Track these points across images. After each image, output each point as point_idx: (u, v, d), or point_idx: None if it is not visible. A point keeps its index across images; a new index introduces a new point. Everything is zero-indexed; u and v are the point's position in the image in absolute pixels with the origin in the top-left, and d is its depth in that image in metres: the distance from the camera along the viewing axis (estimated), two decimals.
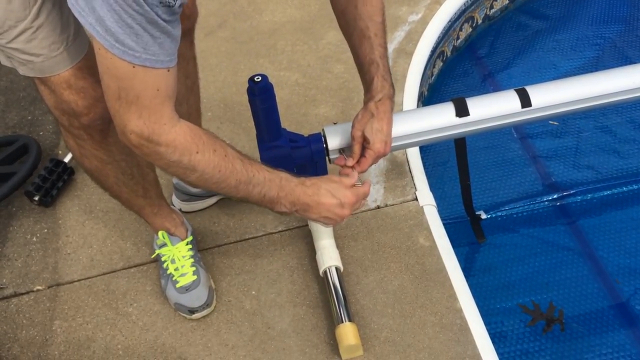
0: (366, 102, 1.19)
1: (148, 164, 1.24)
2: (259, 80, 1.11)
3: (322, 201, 1.08)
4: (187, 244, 1.39)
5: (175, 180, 1.54)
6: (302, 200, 1.07)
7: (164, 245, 1.38)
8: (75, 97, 1.02)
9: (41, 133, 1.85)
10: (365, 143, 1.19)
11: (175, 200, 1.56)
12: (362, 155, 1.20)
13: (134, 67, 0.84)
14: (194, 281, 1.34)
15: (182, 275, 1.35)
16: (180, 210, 1.51)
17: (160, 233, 1.37)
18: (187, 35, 1.26)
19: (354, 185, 1.13)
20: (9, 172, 1.66)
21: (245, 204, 1.56)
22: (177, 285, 1.35)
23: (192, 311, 1.34)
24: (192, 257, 1.38)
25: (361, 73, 1.21)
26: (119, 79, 0.86)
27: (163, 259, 1.38)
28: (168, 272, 1.37)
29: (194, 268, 1.36)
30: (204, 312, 1.36)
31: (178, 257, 1.37)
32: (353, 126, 1.19)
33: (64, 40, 0.97)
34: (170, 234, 1.38)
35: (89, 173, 1.23)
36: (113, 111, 0.91)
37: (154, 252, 1.41)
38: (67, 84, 1.00)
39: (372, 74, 1.17)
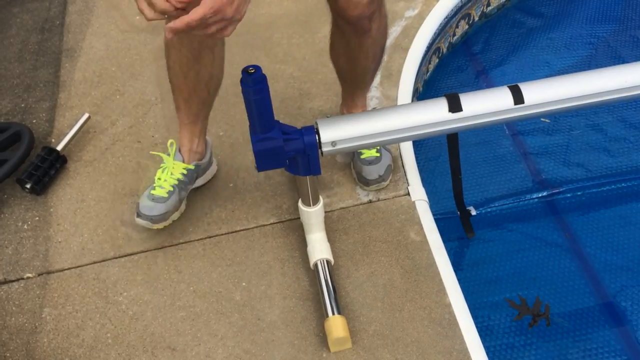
0: None
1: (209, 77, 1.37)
2: (252, 71, 1.11)
3: None
4: (184, 169, 1.46)
5: None
6: None
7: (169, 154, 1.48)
8: None
9: (34, 121, 1.84)
10: None
11: None
12: None
13: None
14: (161, 196, 1.43)
15: (161, 187, 1.44)
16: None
17: (169, 141, 1.47)
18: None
19: None
20: (1, 159, 1.66)
21: (237, 195, 1.57)
22: (150, 192, 1.44)
23: (139, 215, 1.43)
24: (179, 182, 1.45)
25: None
26: None
27: (162, 165, 1.47)
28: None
29: (172, 189, 1.44)
30: (144, 223, 1.42)
31: (169, 170, 1.45)
32: None
33: None
34: (179, 149, 1.47)
35: None
36: None
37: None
38: None
39: None
